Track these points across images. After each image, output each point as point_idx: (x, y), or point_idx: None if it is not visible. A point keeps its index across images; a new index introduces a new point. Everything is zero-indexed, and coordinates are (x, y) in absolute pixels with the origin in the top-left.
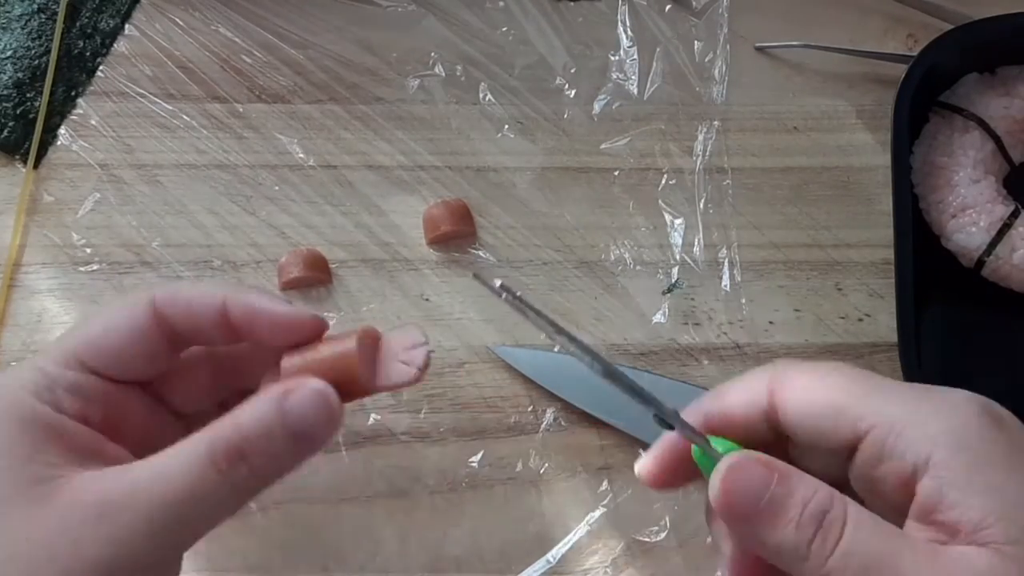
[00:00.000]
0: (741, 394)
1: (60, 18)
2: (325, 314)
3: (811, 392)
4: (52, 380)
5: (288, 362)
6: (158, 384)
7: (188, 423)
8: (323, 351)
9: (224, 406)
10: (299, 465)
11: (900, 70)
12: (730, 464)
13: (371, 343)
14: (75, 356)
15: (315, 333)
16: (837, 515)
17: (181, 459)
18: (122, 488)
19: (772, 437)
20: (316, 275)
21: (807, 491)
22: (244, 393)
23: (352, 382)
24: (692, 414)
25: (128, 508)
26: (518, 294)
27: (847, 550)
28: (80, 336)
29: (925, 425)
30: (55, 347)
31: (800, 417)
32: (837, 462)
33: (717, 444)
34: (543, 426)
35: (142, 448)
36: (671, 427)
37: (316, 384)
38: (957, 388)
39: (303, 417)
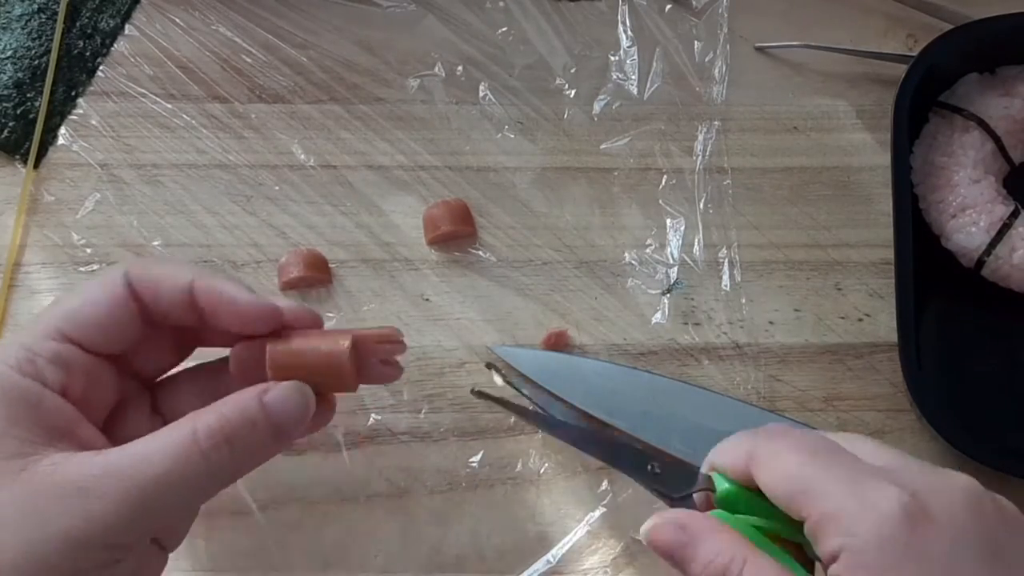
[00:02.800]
0: (729, 457)
1: (60, 18)
2: (326, 315)
3: (774, 471)
4: (34, 352)
5: (275, 349)
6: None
7: (152, 393)
8: (312, 345)
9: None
10: (272, 455)
11: (900, 70)
12: (653, 524)
13: (359, 346)
14: (56, 329)
15: (274, 324)
16: (734, 573)
17: (163, 441)
18: (98, 467)
19: None
20: (316, 275)
21: (709, 553)
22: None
23: (337, 383)
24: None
25: (105, 485)
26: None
27: None
28: (60, 310)
29: (848, 520)
30: (35, 323)
31: (767, 491)
32: None
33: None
34: None
35: (109, 421)
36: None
37: (294, 383)
38: (889, 482)
39: (281, 411)
